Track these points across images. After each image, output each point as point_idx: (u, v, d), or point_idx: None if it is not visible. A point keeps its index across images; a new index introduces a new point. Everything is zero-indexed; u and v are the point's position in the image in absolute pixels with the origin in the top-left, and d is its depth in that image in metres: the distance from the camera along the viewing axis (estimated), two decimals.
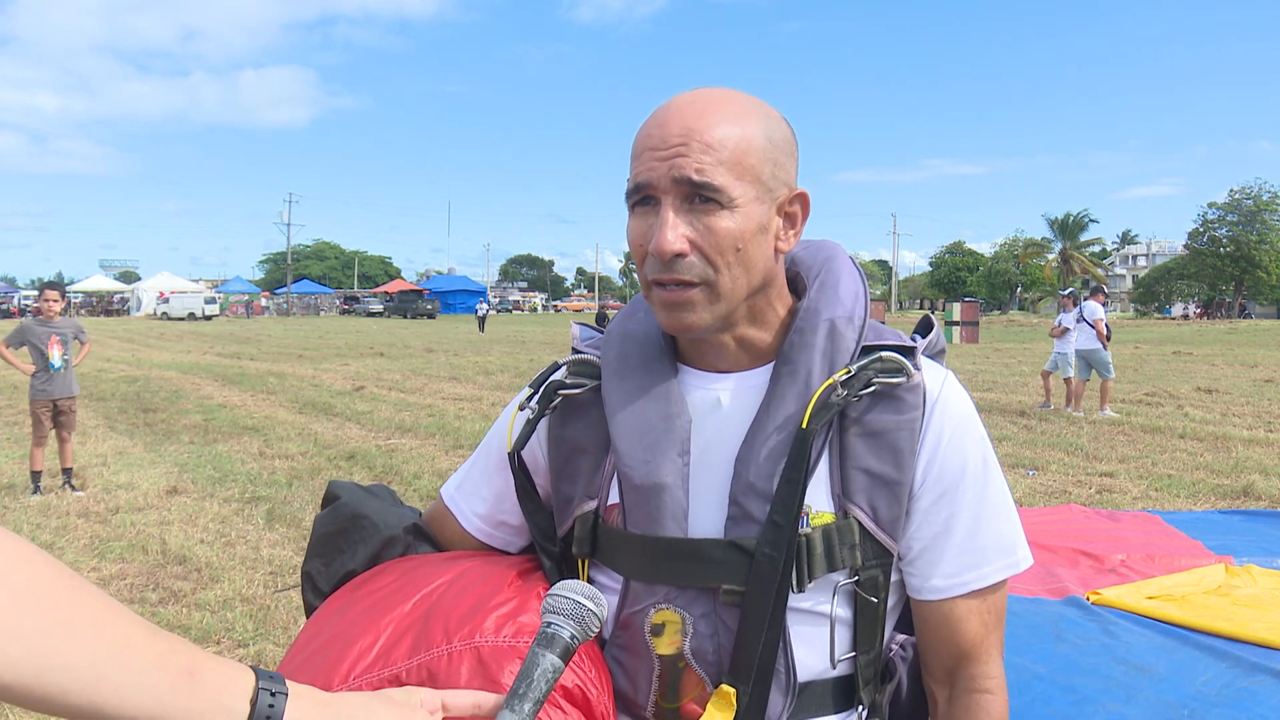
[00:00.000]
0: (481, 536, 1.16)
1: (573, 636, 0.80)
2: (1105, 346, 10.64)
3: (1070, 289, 11.81)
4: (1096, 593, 2.16)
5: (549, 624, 0.80)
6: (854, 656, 0.99)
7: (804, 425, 0.94)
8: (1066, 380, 11.02)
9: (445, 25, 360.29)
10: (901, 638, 1.08)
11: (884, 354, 0.98)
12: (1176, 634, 1.86)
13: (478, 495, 1.16)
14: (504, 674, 0.88)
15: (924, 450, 0.98)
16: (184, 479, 7.14)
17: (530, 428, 1.08)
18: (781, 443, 0.96)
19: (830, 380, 0.96)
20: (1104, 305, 11.02)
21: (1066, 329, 11.09)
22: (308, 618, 1.13)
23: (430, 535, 1.18)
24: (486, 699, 0.83)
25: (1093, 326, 10.64)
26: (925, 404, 0.98)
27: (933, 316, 1.12)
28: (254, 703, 0.68)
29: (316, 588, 1.14)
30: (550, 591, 0.83)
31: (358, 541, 1.13)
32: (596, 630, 0.83)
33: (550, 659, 0.78)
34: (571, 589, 0.82)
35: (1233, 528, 2.92)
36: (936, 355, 1.09)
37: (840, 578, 0.97)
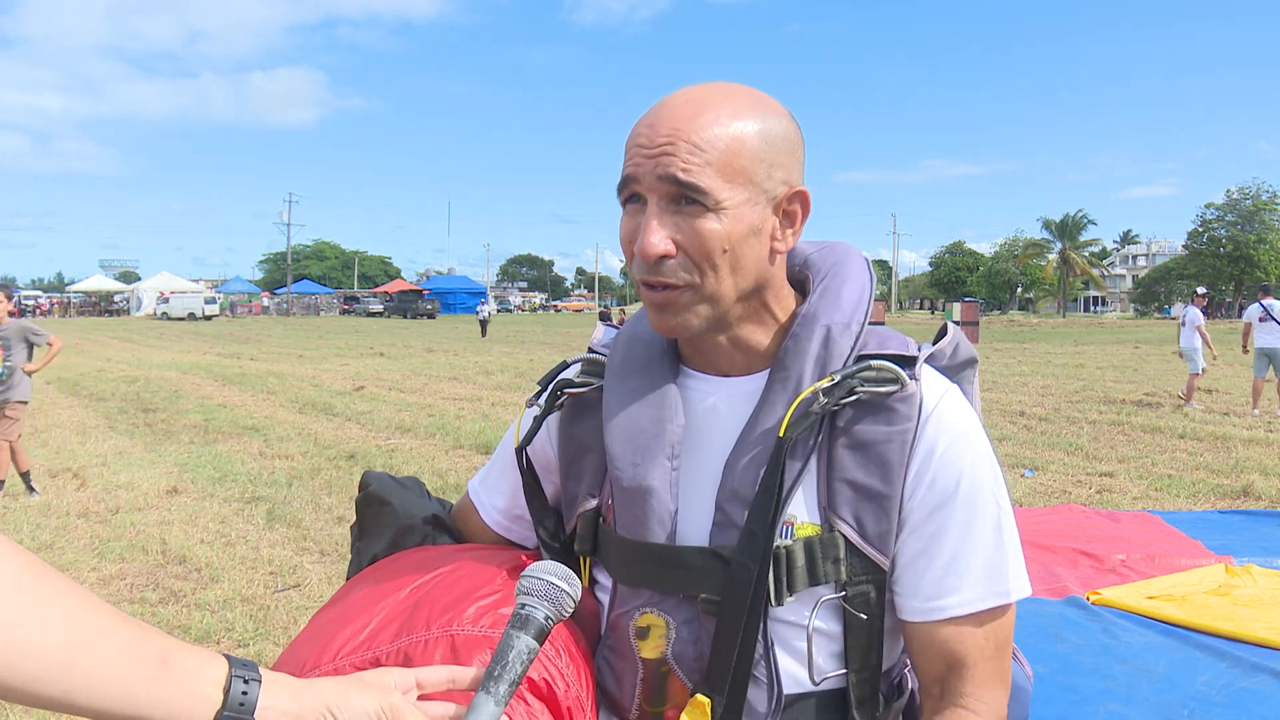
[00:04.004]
0: (500, 530, 1.18)
1: (547, 617, 0.80)
2: None
3: (1203, 288, 11.99)
4: (1096, 593, 2.16)
5: (523, 605, 0.80)
6: (845, 673, 0.96)
7: (781, 433, 0.92)
8: (1194, 375, 11.20)
9: (448, 27, 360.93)
10: None
11: (875, 363, 0.95)
12: (1176, 634, 1.86)
13: (498, 489, 1.18)
14: (474, 662, 0.88)
15: (914, 463, 0.94)
16: (184, 479, 7.13)
17: (536, 425, 1.09)
18: (765, 450, 0.94)
19: (812, 387, 0.93)
20: None
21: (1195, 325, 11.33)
22: None
23: (450, 527, 1.20)
24: (461, 674, 0.83)
25: None
26: (919, 416, 0.94)
27: (950, 325, 1.05)
28: (227, 690, 0.69)
29: (359, 564, 1.19)
30: (524, 573, 0.83)
31: (381, 528, 1.17)
32: (571, 611, 0.83)
33: (525, 640, 0.78)
34: (545, 570, 0.82)
35: (1233, 528, 2.92)
36: (962, 365, 1.04)
37: (826, 592, 0.94)
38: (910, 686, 1.03)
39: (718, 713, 0.92)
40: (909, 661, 1.04)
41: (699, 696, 0.93)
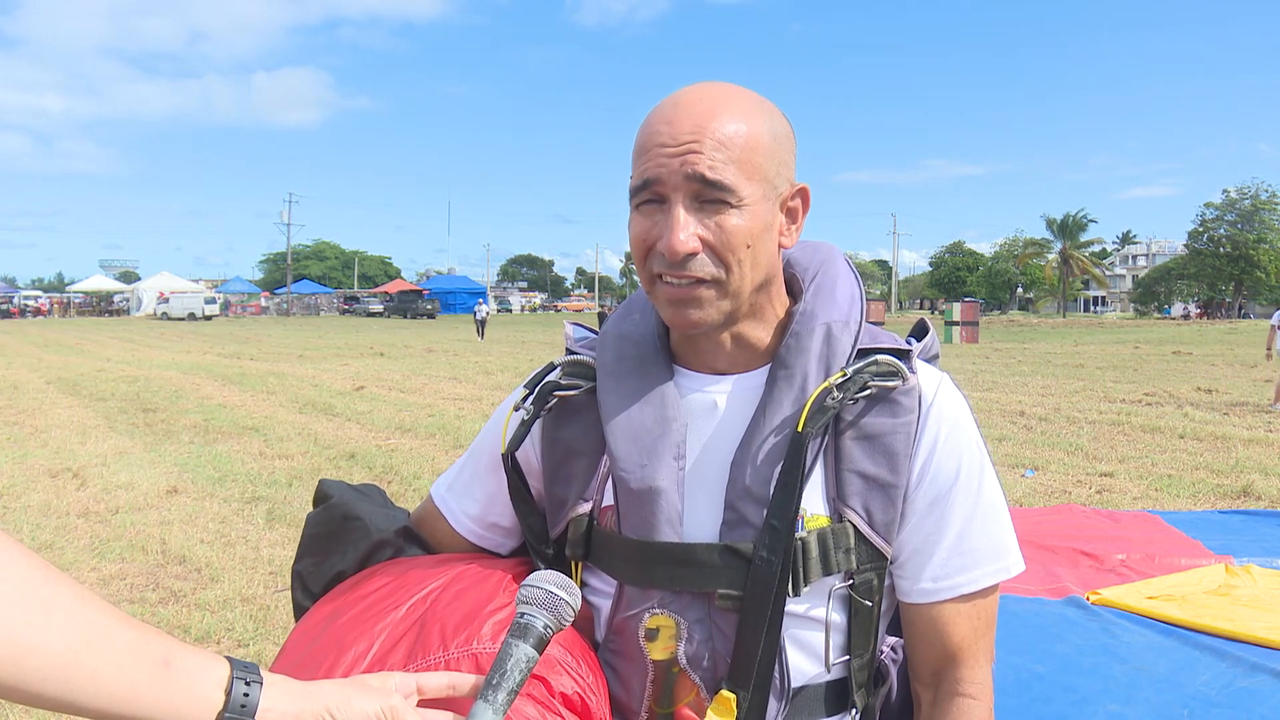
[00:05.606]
0: (472, 538, 1.15)
1: (546, 626, 0.81)
2: None
3: None
4: (1096, 593, 2.15)
5: (523, 614, 0.81)
6: (847, 660, 0.99)
7: (800, 429, 0.93)
8: None
9: (449, 28, 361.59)
10: (892, 640, 1.07)
11: (879, 357, 0.98)
12: (1176, 634, 1.86)
13: (469, 496, 1.15)
14: None
15: (919, 453, 0.98)
16: (184, 479, 7.13)
17: (525, 429, 1.06)
18: (777, 446, 0.95)
19: (826, 383, 0.96)
20: None
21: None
22: (296, 618, 1.12)
23: (420, 537, 1.17)
24: (461, 679, 0.84)
25: None
26: (921, 407, 0.98)
27: (928, 320, 1.12)
28: (229, 691, 0.69)
29: (307, 588, 1.14)
30: (524, 582, 0.83)
31: (348, 543, 1.12)
32: (570, 620, 0.83)
33: (524, 649, 0.79)
34: (545, 579, 0.83)
35: (1233, 528, 2.92)
36: (931, 360, 1.09)
37: (835, 581, 0.96)
38: (891, 675, 1.05)
39: (744, 707, 0.94)
40: (889, 648, 1.06)
41: (724, 692, 0.94)
